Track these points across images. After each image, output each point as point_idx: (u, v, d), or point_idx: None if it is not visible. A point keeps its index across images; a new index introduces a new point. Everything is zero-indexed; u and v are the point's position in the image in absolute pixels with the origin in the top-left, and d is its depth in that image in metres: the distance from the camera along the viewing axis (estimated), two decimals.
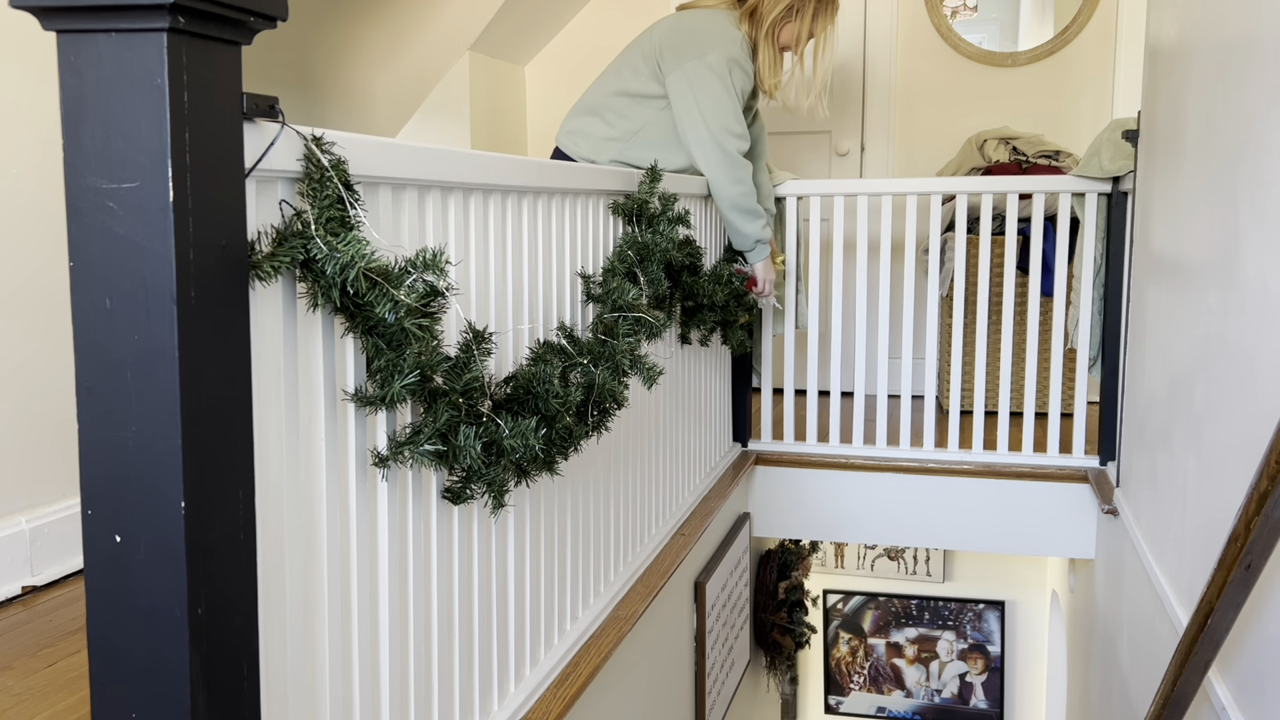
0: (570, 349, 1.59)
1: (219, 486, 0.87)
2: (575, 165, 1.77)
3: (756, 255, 2.77)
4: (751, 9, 2.63)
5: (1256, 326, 1.52)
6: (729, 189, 2.60)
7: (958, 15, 4.00)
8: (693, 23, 2.61)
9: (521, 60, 4.30)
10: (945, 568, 5.17)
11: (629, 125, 2.62)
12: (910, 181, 2.98)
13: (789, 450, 3.21)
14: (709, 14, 2.64)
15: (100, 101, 0.81)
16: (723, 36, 2.57)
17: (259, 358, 0.96)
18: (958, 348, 3.09)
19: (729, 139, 2.55)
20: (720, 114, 2.54)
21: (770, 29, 2.63)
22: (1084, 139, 3.79)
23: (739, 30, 2.62)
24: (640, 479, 2.23)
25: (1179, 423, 1.99)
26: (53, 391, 1.94)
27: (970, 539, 3.11)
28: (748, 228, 2.68)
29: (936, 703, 5.25)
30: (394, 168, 1.17)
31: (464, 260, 1.39)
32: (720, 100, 2.53)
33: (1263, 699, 1.45)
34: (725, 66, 2.53)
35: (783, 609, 4.10)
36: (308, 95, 3.58)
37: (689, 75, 2.53)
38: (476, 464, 1.22)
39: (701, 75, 2.53)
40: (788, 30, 2.65)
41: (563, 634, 1.82)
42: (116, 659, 0.86)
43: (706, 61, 2.52)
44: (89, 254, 0.83)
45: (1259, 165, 1.54)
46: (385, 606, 1.23)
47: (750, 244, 2.73)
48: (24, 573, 1.87)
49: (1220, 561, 1.39)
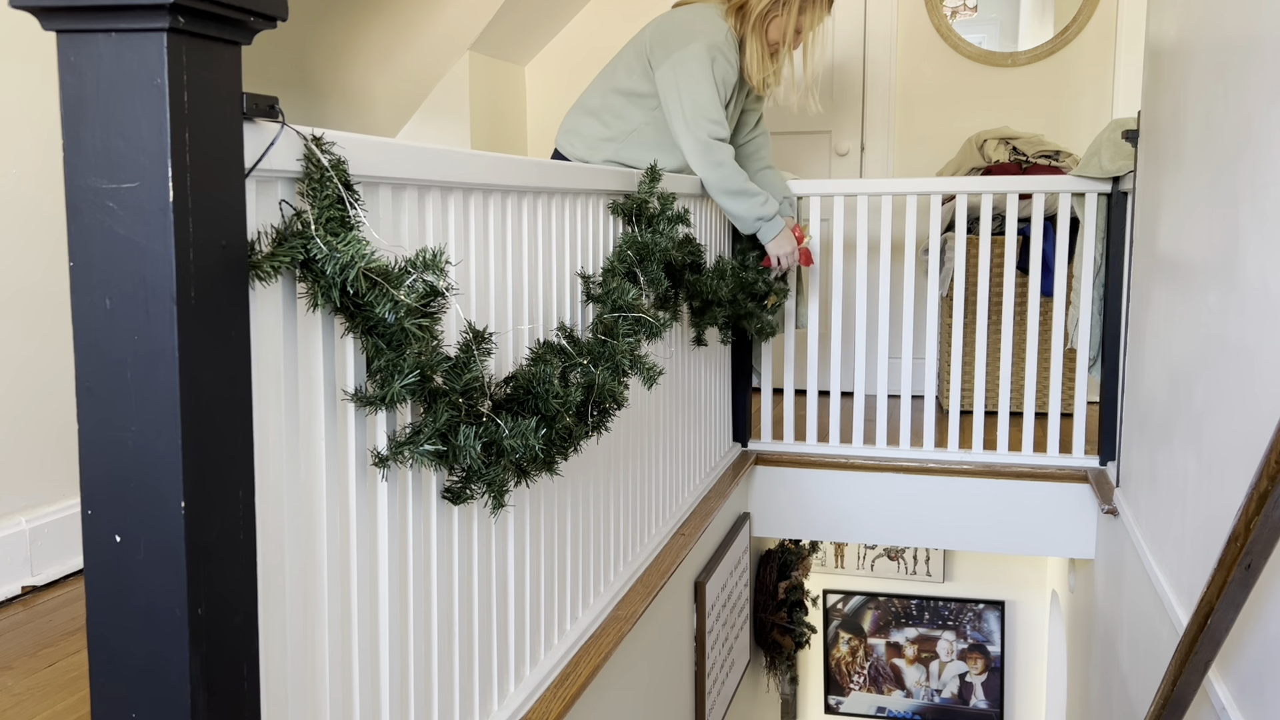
0: (570, 349, 1.59)
1: (219, 486, 0.87)
2: (575, 165, 1.77)
3: (766, 234, 2.73)
4: (739, 4, 2.63)
5: (1256, 326, 1.52)
6: (709, 173, 2.59)
7: (958, 15, 4.00)
8: (680, 18, 2.63)
9: (521, 60, 4.30)
10: (945, 568, 5.17)
11: (624, 125, 2.62)
12: (910, 181, 2.98)
13: (789, 450, 3.21)
14: (696, 8, 2.65)
15: (100, 101, 0.81)
16: (706, 26, 2.58)
17: (259, 358, 0.96)
18: (958, 348, 3.09)
19: (702, 124, 2.54)
20: (697, 99, 2.53)
21: (758, 23, 2.63)
22: (1084, 139, 3.79)
23: (725, 23, 2.62)
24: (640, 479, 2.23)
25: (1179, 422, 1.99)
26: (53, 392, 1.94)
27: (970, 539, 3.11)
28: (740, 208, 2.65)
29: (936, 703, 5.25)
30: (394, 168, 1.17)
31: (464, 260, 1.39)
32: (699, 86, 2.53)
33: (1263, 699, 1.45)
34: (706, 54, 2.54)
35: (783, 609, 4.10)
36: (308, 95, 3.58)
37: (674, 66, 2.54)
38: (476, 464, 1.22)
39: (685, 63, 2.54)
40: (775, 25, 2.65)
41: (563, 634, 1.82)
42: (116, 659, 0.86)
43: (690, 50, 2.54)
44: (89, 254, 0.83)
45: (1259, 165, 1.54)
46: (385, 606, 1.23)
47: (753, 225, 2.70)
48: (24, 573, 1.87)
49: (1220, 561, 1.39)
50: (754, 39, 2.64)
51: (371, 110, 3.81)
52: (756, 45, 2.65)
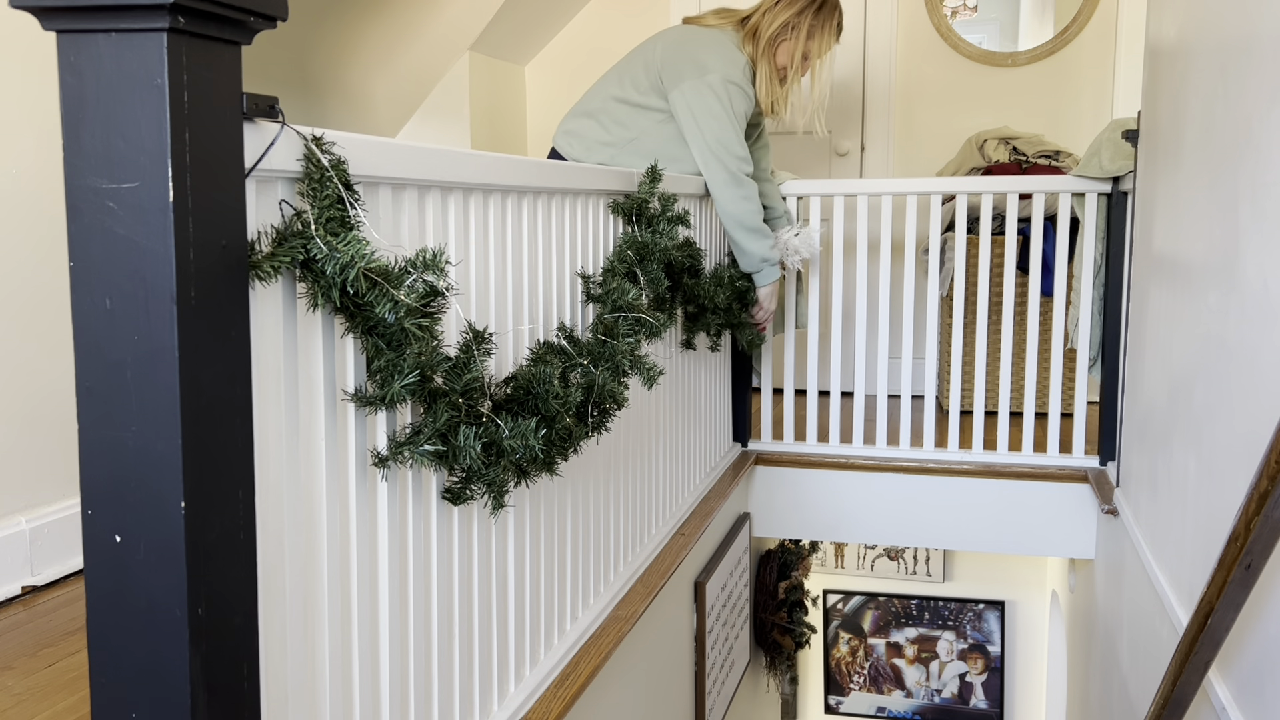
0: (570, 349, 1.59)
1: (219, 486, 0.87)
2: (575, 165, 1.77)
3: (764, 278, 2.73)
4: (753, 29, 2.65)
5: (1256, 326, 1.52)
6: (734, 206, 2.60)
7: (958, 15, 4.00)
8: (696, 42, 2.63)
9: (521, 60, 4.30)
10: (945, 568, 5.17)
11: (625, 133, 2.62)
12: (910, 181, 2.98)
13: (789, 450, 3.21)
14: (714, 34, 2.65)
15: (100, 101, 0.81)
16: (723, 58, 2.58)
17: (259, 358, 0.96)
18: (958, 348, 3.09)
19: (730, 159, 2.56)
20: (720, 133, 2.55)
21: (767, 47, 2.65)
22: (1084, 139, 3.79)
23: (742, 53, 2.64)
24: (640, 479, 2.23)
25: (1179, 422, 1.99)
26: (53, 392, 1.94)
27: (970, 539, 3.11)
28: (754, 246, 2.67)
29: (936, 703, 5.25)
30: (394, 168, 1.17)
31: (464, 260, 1.39)
32: (719, 119, 2.55)
33: (1263, 699, 1.45)
34: (723, 88, 2.55)
35: (783, 609, 4.10)
36: (308, 95, 3.58)
37: (687, 94, 2.55)
38: (476, 464, 1.22)
39: (700, 93, 2.55)
40: (784, 49, 2.66)
41: (563, 634, 1.82)
42: (116, 659, 0.86)
43: (706, 81, 2.55)
44: (89, 254, 0.83)
45: (1259, 165, 1.54)
46: (385, 606, 1.23)
47: (757, 264, 2.70)
48: (24, 573, 1.87)
49: (1220, 561, 1.39)
50: (764, 63, 2.66)
51: (371, 110, 3.81)
52: (766, 69, 2.67)
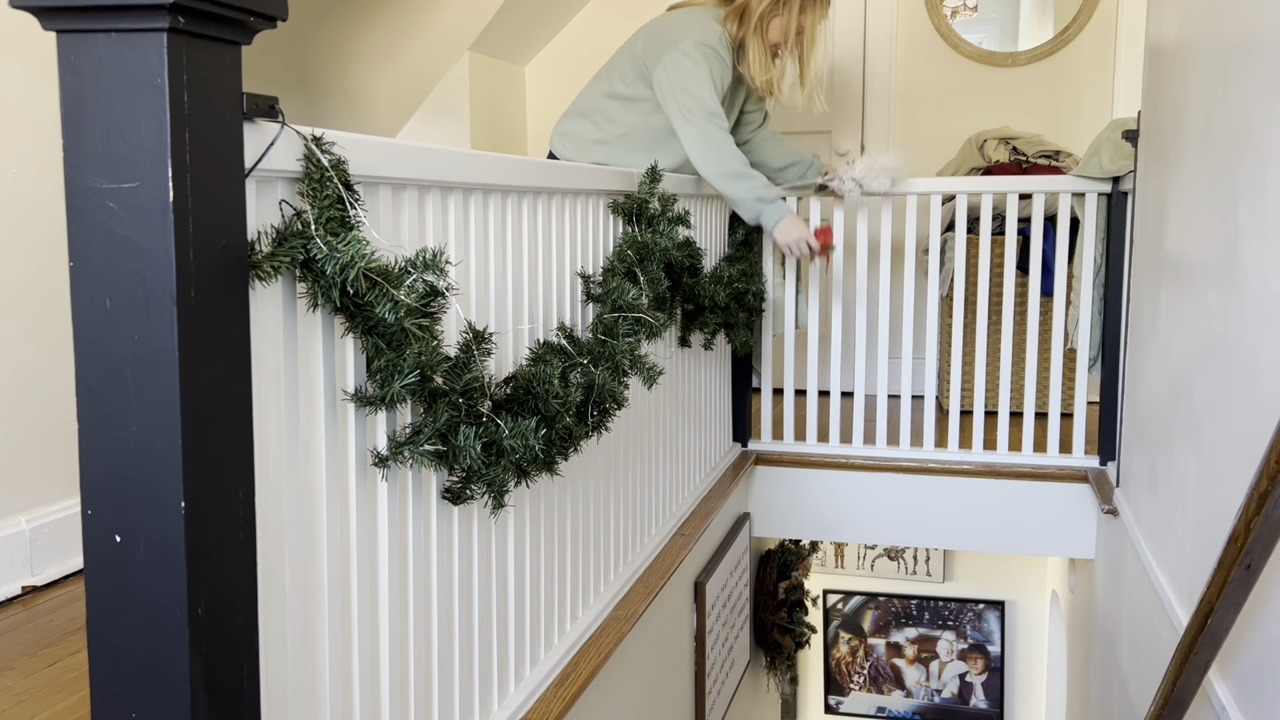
0: (570, 349, 1.59)
1: (219, 486, 0.87)
2: (575, 165, 1.77)
3: (769, 218, 2.58)
4: (741, 7, 2.63)
5: (1257, 326, 1.52)
6: (707, 157, 2.53)
7: (958, 15, 4.00)
8: (672, 20, 2.64)
9: (521, 60, 4.30)
10: (945, 568, 5.16)
11: (615, 129, 2.62)
12: (910, 181, 2.98)
13: (789, 450, 3.21)
14: (690, 10, 2.66)
15: (100, 101, 0.81)
16: (697, 27, 2.59)
17: (259, 358, 0.96)
18: (958, 348, 3.09)
19: (697, 111, 2.52)
20: (692, 90, 2.52)
21: (759, 24, 2.62)
22: (1084, 139, 3.79)
23: (719, 25, 2.63)
24: (640, 479, 2.23)
25: (1179, 423, 1.99)
26: (53, 392, 1.94)
27: (970, 539, 3.11)
28: (738, 190, 2.54)
29: (936, 703, 5.25)
30: (394, 168, 1.17)
31: (464, 260, 1.39)
32: (693, 78, 2.53)
33: (1263, 699, 1.45)
34: (696, 50, 2.54)
35: (783, 609, 4.10)
36: (308, 95, 3.58)
37: (667, 65, 2.55)
38: (476, 464, 1.22)
39: (677, 61, 2.54)
40: (776, 25, 2.64)
41: (563, 634, 1.82)
42: (116, 659, 0.86)
43: (681, 48, 2.54)
44: (89, 254, 0.83)
45: (1259, 165, 1.54)
46: (385, 606, 1.23)
47: (754, 208, 2.58)
48: (24, 573, 1.87)
49: (1220, 561, 1.39)
50: (755, 41, 2.63)
51: (371, 110, 3.81)
52: (758, 47, 2.64)
